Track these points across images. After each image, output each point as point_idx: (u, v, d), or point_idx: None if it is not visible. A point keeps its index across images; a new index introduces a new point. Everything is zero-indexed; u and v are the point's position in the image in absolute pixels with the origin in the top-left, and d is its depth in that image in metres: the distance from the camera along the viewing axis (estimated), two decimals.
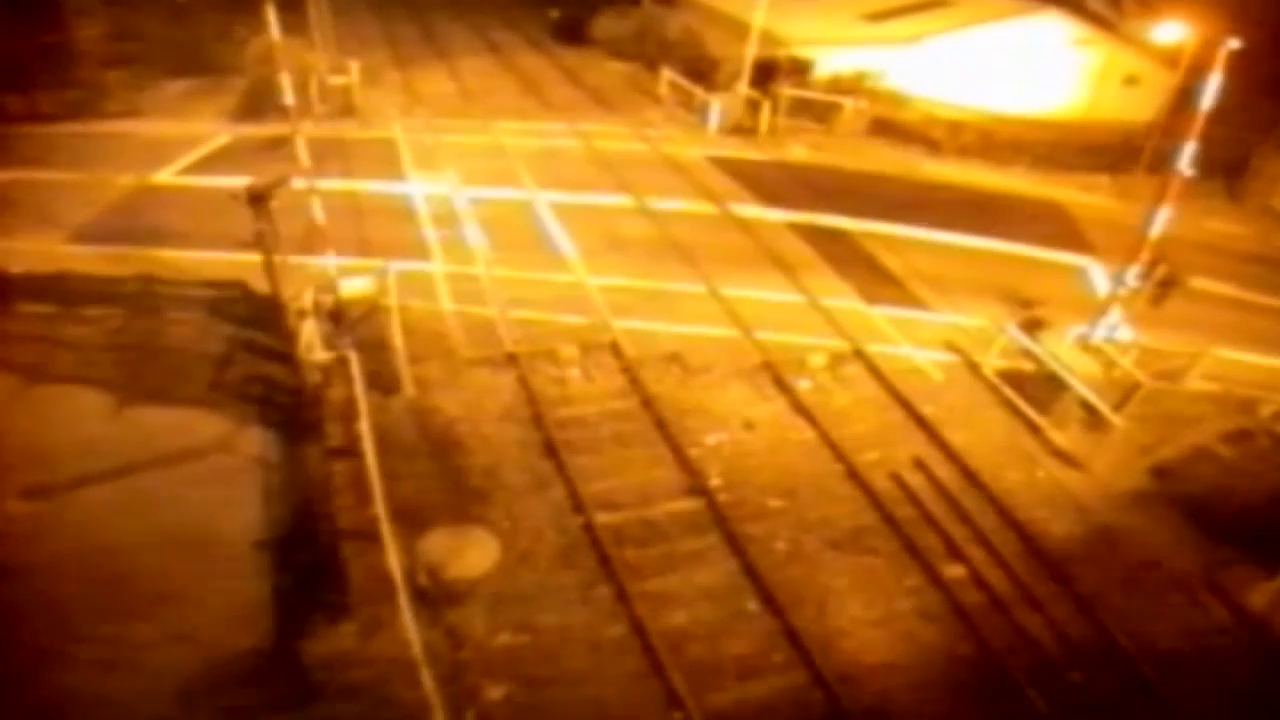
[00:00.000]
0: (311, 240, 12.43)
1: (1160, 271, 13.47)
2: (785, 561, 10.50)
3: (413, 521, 10.19)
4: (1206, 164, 25.05)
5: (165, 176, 19.24)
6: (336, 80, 23.77)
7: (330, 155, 19.19)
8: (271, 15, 10.87)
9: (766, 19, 24.16)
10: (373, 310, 12.86)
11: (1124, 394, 13.05)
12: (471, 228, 17.67)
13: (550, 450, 11.70)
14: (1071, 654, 9.65)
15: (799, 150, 24.51)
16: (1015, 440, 13.09)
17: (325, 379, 12.04)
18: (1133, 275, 13.72)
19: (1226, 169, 25.18)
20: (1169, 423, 13.43)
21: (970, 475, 12.06)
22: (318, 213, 12.31)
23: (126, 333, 13.13)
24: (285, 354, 11.72)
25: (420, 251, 16.56)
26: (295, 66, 13.53)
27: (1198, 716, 9.12)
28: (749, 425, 12.76)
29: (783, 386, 13.54)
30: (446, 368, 13.17)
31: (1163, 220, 13.37)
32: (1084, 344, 14.08)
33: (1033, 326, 14.90)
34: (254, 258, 10.31)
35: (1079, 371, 13.13)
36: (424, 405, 12.36)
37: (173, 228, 16.38)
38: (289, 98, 11.46)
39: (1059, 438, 12.96)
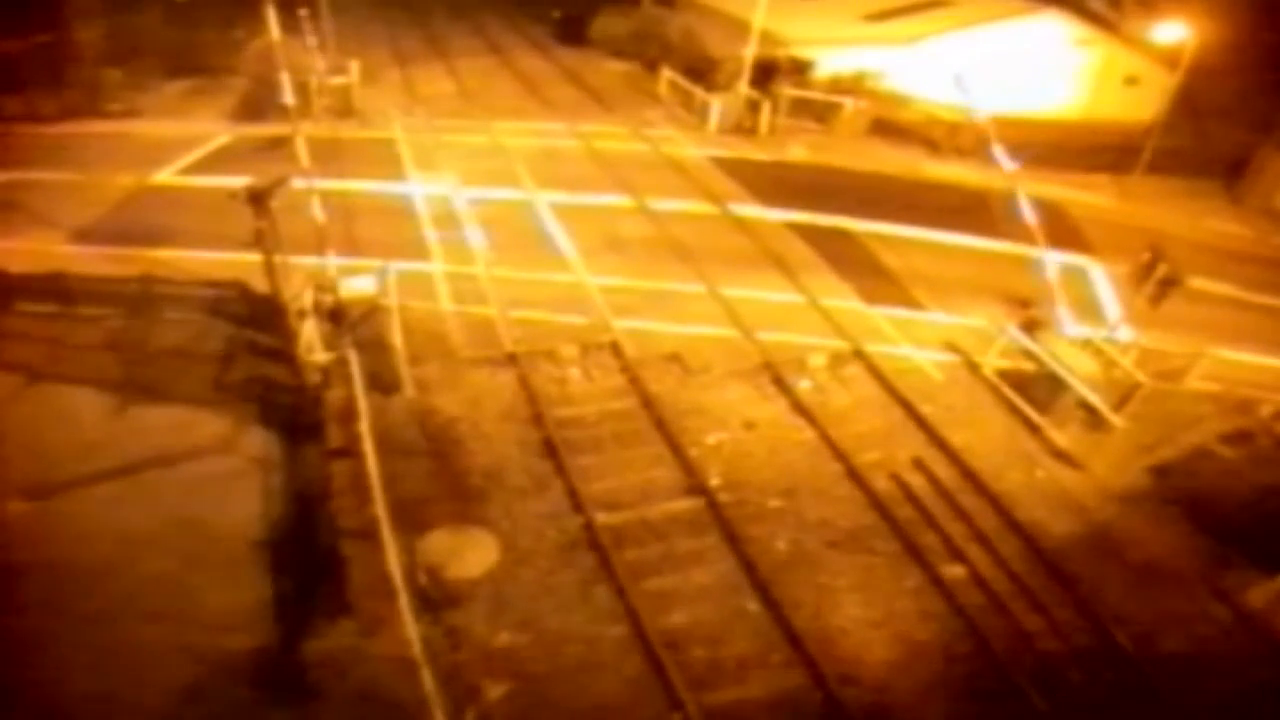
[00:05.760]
0: (311, 240, 12.42)
1: (1160, 271, 13.45)
2: (785, 561, 10.49)
3: (413, 521, 10.19)
4: (1207, 164, 25.24)
5: (165, 177, 19.25)
6: (336, 80, 23.77)
7: (330, 155, 19.16)
8: (271, 15, 10.88)
9: (766, 19, 24.16)
10: (373, 310, 12.85)
11: (1124, 394, 13.03)
12: (471, 228, 17.67)
13: (550, 450, 11.70)
14: (1071, 654, 9.65)
15: (799, 150, 24.48)
16: (1015, 440, 13.08)
17: (325, 379, 12.05)
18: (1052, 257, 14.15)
19: (1226, 169, 25.21)
20: (1169, 423, 13.42)
21: (970, 475, 12.05)
22: (318, 213, 12.31)
23: (127, 333, 13.16)
24: (285, 354, 11.72)
25: (420, 252, 16.56)
26: (295, 66, 13.53)
27: (1198, 716, 9.11)
28: (749, 425, 12.75)
29: (783, 386, 13.53)
30: (446, 368, 13.17)
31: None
32: (1084, 344, 14.07)
33: (1032, 326, 14.89)
34: (254, 258, 10.32)
35: (1079, 371, 13.13)
36: (424, 405, 12.35)
37: (172, 228, 16.38)
38: (289, 98, 11.46)
39: (1059, 438, 12.95)
